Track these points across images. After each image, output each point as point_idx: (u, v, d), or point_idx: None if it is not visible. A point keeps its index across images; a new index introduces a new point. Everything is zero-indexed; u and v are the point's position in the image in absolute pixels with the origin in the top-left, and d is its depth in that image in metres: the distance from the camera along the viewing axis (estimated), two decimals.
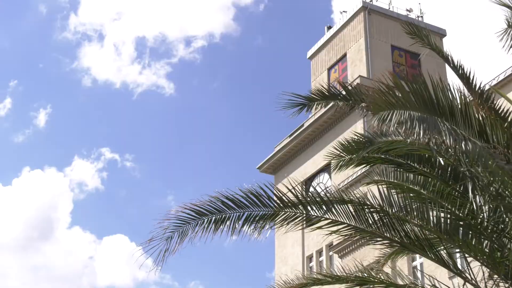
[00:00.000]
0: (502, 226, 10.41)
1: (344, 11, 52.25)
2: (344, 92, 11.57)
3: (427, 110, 9.62)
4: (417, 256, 25.14)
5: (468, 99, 10.07)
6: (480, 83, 10.54)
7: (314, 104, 11.93)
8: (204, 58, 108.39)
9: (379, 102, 9.68)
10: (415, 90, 9.67)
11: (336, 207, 10.88)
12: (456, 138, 9.27)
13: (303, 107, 11.96)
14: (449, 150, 9.93)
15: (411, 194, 11.34)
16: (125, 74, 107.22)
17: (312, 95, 11.84)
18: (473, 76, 10.64)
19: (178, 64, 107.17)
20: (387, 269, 14.49)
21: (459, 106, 9.80)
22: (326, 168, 44.30)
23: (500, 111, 10.15)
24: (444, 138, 9.21)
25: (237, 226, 10.76)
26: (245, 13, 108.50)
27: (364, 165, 12.19)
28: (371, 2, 51.35)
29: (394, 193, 11.34)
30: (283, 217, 10.85)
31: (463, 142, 9.29)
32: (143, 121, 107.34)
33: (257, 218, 10.78)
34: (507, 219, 10.27)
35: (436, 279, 12.24)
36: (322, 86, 11.94)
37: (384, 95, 9.68)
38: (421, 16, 53.17)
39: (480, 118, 10.04)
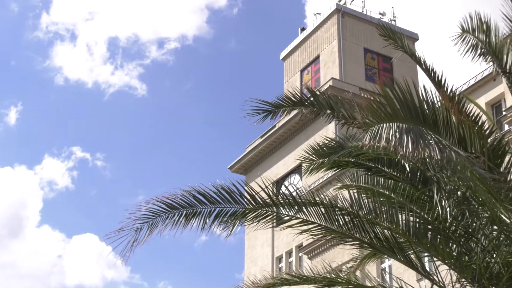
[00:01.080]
0: (470, 230, 10.49)
1: (317, 13, 52.46)
2: (311, 99, 11.56)
3: (412, 119, 9.63)
4: (386, 258, 25.27)
5: (449, 105, 10.10)
6: (452, 87, 10.60)
7: (280, 111, 11.92)
8: (177, 60, 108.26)
9: (369, 117, 9.66)
10: (401, 101, 9.66)
11: (307, 208, 10.89)
12: (442, 148, 9.30)
13: (269, 114, 11.94)
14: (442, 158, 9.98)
15: (381, 198, 11.39)
16: (97, 74, 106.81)
17: (278, 101, 11.83)
18: (445, 80, 10.71)
19: (151, 65, 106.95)
20: (356, 271, 14.52)
21: (441, 115, 9.82)
22: (297, 169, 44.42)
23: (471, 116, 10.21)
24: (431, 149, 9.22)
25: (207, 221, 10.70)
26: (219, 16, 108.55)
27: (335, 168, 12.21)
28: (344, 5, 51.58)
29: (365, 197, 11.38)
30: (254, 214, 10.83)
31: (449, 152, 9.33)
32: (115, 121, 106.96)
33: (228, 215, 10.74)
34: (474, 224, 10.35)
35: (404, 282, 12.30)
36: (289, 92, 11.94)
37: (374, 109, 9.63)
38: (394, 20, 53.52)
39: (459, 126, 10.08)
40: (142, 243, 10.33)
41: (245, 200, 10.75)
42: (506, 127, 26.58)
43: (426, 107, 9.76)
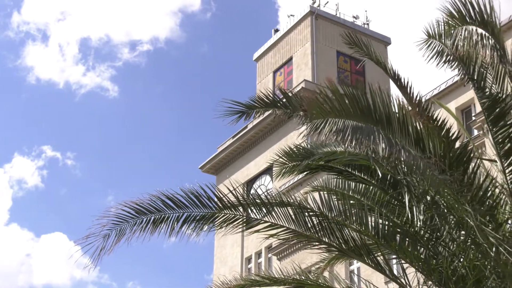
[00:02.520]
0: (438, 234, 10.61)
1: (291, 15, 52.57)
2: (284, 100, 11.60)
3: (363, 118, 9.72)
4: (355, 260, 25.41)
5: (406, 107, 10.21)
6: (418, 93, 10.72)
7: (253, 112, 11.92)
8: (149, 62, 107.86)
9: (313, 110, 9.74)
10: (352, 97, 9.76)
11: (276, 210, 10.92)
12: (391, 146, 9.39)
13: (242, 115, 11.93)
14: (386, 159, 10.08)
15: (351, 201, 11.47)
16: (69, 74, 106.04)
17: (251, 102, 11.83)
18: (411, 86, 10.82)
19: (123, 67, 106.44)
20: (324, 272, 14.61)
21: (397, 115, 9.93)
22: (268, 170, 44.47)
23: (437, 121, 10.33)
24: (379, 146, 9.32)
25: (175, 226, 10.66)
26: (192, 20, 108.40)
27: (307, 172, 12.27)
28: (318, 8, 51.76)
29: (335, 199, 11.45)
30: (222, 219, 10.83)
31: (398, 151, 9.41)
32: (86, 121, 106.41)
33: (196, 219, 10.71)
34: (442, 228, 10.46)
35: (372, 284, 12.40)
36: (262, 92, 11.96)
37: (319, 103, 9.74)
38: (367, 24, 53.83)
39: (418, 127, 10.20)
40: (110, 251, 10.28)
41: (214, 203, 10.74)
42: (475, 132, 26.87)
43: (379, 106, 9.87)
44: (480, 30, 9.19)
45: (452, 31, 10.86)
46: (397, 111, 9.98)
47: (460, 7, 9.54)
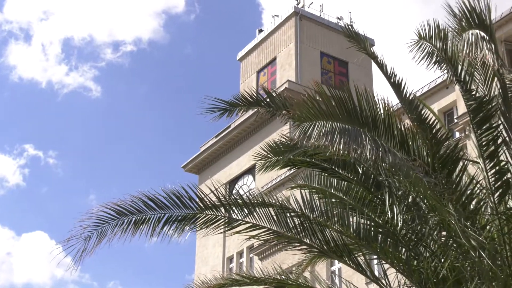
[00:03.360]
0: (420, 235, 10.63)
1: (275, 15, 52.58)
2: (267, 99, 11.59)
3: (350, 120, 9.73)
4: (336, 261, 25.45)
5: (391, 109, 10.22)
6: (411, 92, 10.73)
7: (236, 110, 11.89)
8: (132, 63, 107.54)
9: (301, 113, 9.74)
10: (339, 99, 9.77)
11: (258, 210, 10.90)
12: (377, 148, 9.41)
13: (225, 112, 11.90)
14: (369, 159, 10.09)
15: (333, 200, 11.47)
16: (51, 74, 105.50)
17: (235, 100, 11.81)
18: (405, 84, 10.83)
19: (105, 67, 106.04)
20: (305, 272, 14.62)
21: (382, 117, 9.94)
22: (250, 170, 44.46)
23: (427, 121, 10.38)
24: (366, 148, 9.33)
25: (157, 227, 10.62)
26: (176, 21, 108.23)
27: (290, 167, 12.26)
28: (302, 8, 51.80)
29: (317, 198, 11.44)
30: (204, 219, 10.79)
31: (384, 153, 9.43)
32: (69, 121, 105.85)
33: (178, 220, 10.67)
34: (423, 229, 10.49)
35: (353, 285, 12.42)
36: (246, 92, 11.94)
37: (307, 106, 9.74)
38: (351, 25, 53.89)
39: (402, 129, 10.23)
40: (91, 253, 10.24)
41: (195, 204, 10.70)
42: (457, 134, 27.01)
43: (366, 108, 9.88)
44: (481, 33, 9.22)
45: (442, 33, 10.87)
46: (382, 113, 10.00)
47: (462, 9, 9.54)
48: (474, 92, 10.37)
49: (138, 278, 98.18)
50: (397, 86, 10.84)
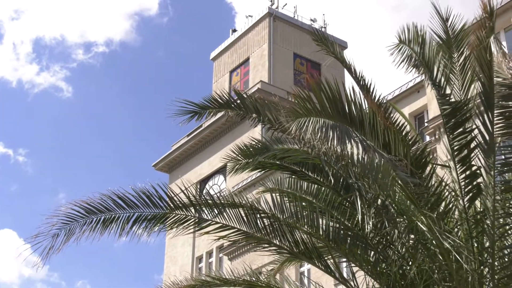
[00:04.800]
0: (388, 238, 10.71)
1: (249, 16, 52.60)
2: (238, 101, 11.57)
3: (340, 119, 9.79)
4: (305, 262, 25.55)
5: (376, 110, 10.27)
6: (380, 95, 10.79)
7: (206, 112, 11.84)
8: (104, 63, 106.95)
9: (297, 109, 9.76)
10: (330, 98, 9.81)
11: (228, 210, 10.89)
12: (366, 148, 9.50)
13: (195, 115, 11.84)
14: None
15: (303, 203, 11.50)
16: (22, 73, 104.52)
17: (205, 103, 11.74)
18: (373, 88, 10.88)
19: (77, 68, 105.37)
20: (275, 275, 14.64)
21: (368, 118, 9.99)
22: (221, 170, 44.42)
23: (396, 124, 10.44)
24: (354, 147, 9.42)
25: (126, 226, 10.54)
26: (149, 24, 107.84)
27: (260, 169, 12.27)
28: (276, 9, 51.88)
29: (287, 201, 11.46)
30: (173, 219, 10.74)
31: (372, 153, 9.53)
32: (39, 120, 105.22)
33: (147, 219, 10.61)
34: (392, 232, 10.57)
35: (322, 286, 12.47)
36: (217, 93, 11.90)
37: (303, 102, 9.76)
38: (325, 27, 54.14)
39: (386, 130, 10.28)
40: (59, 251, 10.14)
41: (165, 203, 10.65)
42: (428, 138, 27.23)
43: (353, 108, 9.94)
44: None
45: (421, 38, 10.95)
46: (367, 112, 10.04)
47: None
48: (449, 97, 10.46)
49: (107, 278, 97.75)
50: (366, 90, 10.90)
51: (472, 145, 10.22)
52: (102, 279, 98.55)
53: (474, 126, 10.22)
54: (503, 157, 10.27)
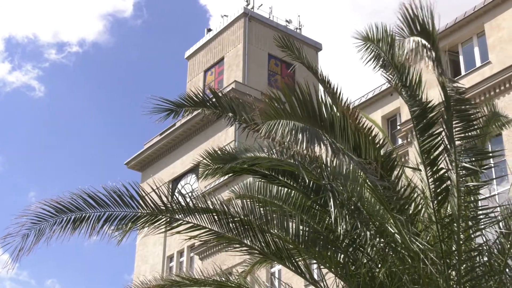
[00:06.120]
0: (358, 240, 10.76)
1: (225, 15, 52.56)
2: (214, 100, 11.54)
3: (310, 121, 9.80)
4: (276, 263, 25.55)
5: (347, 113, 10.29)
6: (347, 100, 10.82)
7: (182, 110, 11.79)
8: (77, 64, 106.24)
9: (268, 111, 9.76)
10: (300, 100, 9.82)
11: (199, 212, 10.87)
12: (335, 151, 9.52)
13: (171, 113, 11.79)
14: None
15: (273, 208, 11.51)
16: None
17: (181, 101, 11.70)
18: (340, 93, 10.91)
19: (49, 67, 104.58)
20: (247, 276, 14.64)
21: (338, 120, 10.02)
22: (194, 169, 44.32)
23: (364, 127, 10.49)
24: (326, 149, 9.44)
25: (97, 226, 10.44)
26: (123, 25, 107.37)
27: (231, 174, 12.24)
28: (252, 10, 51.89)
29: (257, 206, 11.45)
30: (144, 218, 10.67)
31: (342, 155, 9.55)
32: (11, 119, 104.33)
33: (118, 219, 10.53)
34: (362, 234, 10.62)
35: (292, 287, 12.51)
36: (192, 91, 11.86)
37: (273, 104, 9.76)
38: (300, 28, 54.27)
39: (356, 133, 10.31)
40: (29, 252, 10.00)
41: (136, 203, 10.58)
42: (400, 141, 27.41)
43: (324, 111, 9.96)
44: (423, 41, 9.28)
45: (390, 38, 10.93)
46: (338, 115, 10.06)
47: (405, 17, 9.60)
48: (418, 98, 10.51)
49: (77, 277, 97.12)
50: (333, 94, 10.92)
51: (441, 149, 10.30)
52: (72, 278, 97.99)
53: (441, 129, 10.30)
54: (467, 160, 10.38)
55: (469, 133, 10.33)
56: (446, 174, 10.30)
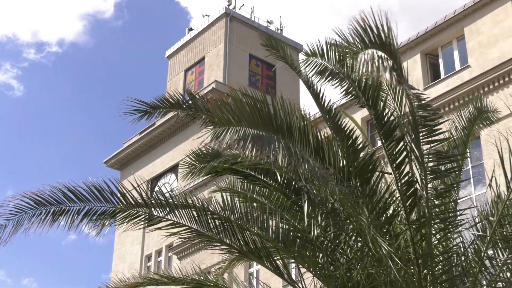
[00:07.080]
0: (337, 241, 10.84)
1: (206, 15, 52.52)
2: (190, 102, 11.54)
3: (264, 127, 9.80)
4: (254, 263, 25.60)
5: (308, 117, 10.35)
6: (329, 101, 10.86)
7: (157, 112, 11.79)
8: (56, 64, 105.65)
9: (216, 117, 9.78)
10: (253, 106, 9.84)
11: (179, 209, 10.89)
12: (291, 156, 9.51)
13: (145, 114, 11.78)
14: (287, 167, 10.23)
15: (254, 204, 11.56)
16: None
17: (156, 102, 11.70)
18: (323, 93, 10.94)
19: (28, 67, 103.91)
20: (224, 274, 14.68)
21: (298, 124, 10.06)
22: (173, 169, 44.27)
23: (345, 129, 10.55)
24: (278, 155, 9.42)
25: (76, 220, 10.42)
26: (103, 26, 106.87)
27: (213, 174, 12.27)
28: (233, 10, 51.92)
29: (238, 202, 11.50)
30: (124, 214, 10.68)
31: (298, 160, 9.56)
32: None
33: (97, 214, 10.52)
34: (340, 235, 10.70)
35: (270, 287, 12.56)
36: (169, 93, 11.88)
37: (221, 111, 9.78)
38: (281, 29, 54.36)
39: (319, 137, 10.37)
40: (6, 243, 9.97)
41: (116, 199, 10.58)
42: (379, 143, 27.53)
43: (280, 116, 10.00)
44: (379, 53, 9.26)
45: (343, 52, 10.81)
46: (298, 120, 10.10)
47: (358, 29, 9.55)
48: (379, 109, 10.60)
49: (54, 276, 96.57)
50: (315, 95, 10.97)
51: (405, 153, 10.41)
52: (49, 277, 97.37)
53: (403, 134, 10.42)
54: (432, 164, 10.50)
55: (434, 138, 10.43)
56: (414, 178, 10.39)
